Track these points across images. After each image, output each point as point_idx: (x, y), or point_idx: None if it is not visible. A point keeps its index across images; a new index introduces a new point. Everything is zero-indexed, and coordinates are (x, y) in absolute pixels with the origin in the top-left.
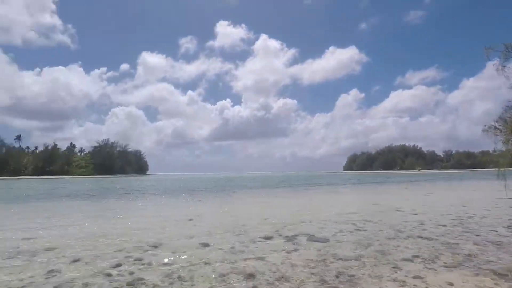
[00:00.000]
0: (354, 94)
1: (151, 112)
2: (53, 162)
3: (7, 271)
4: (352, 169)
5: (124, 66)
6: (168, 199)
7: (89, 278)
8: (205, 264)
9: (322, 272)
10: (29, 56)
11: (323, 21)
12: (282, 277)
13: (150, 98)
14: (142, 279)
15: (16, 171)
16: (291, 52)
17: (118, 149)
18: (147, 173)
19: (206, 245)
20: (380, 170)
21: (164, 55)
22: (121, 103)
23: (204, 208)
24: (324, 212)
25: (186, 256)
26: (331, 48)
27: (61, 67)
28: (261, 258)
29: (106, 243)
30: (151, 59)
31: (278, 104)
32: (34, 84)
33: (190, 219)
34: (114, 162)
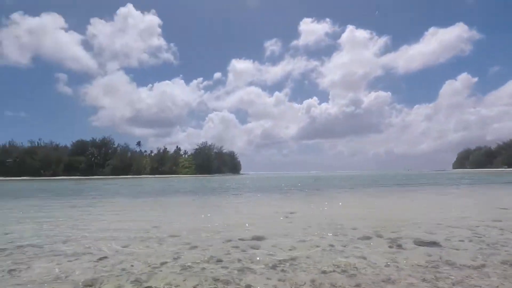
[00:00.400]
0: (463, 79)
1: (242, 115)
2: (164, 163)
3: (144, 252)
4: (464, 167)
5: (217, 75)
6: (262, 196)
7: (205, 264)
8: (306, 259)
9: (434, 278)
10: (143, 75)
11: (419, 1)
12: (388, 279)
13: (240, 102)
14: (250, 268)
15: (138, 171)
16: (382, 40)
17: (214, 150)
18: (240, 172)
19: (304, 241)
20: (505, 168)
21: (251, 60)
22: (215, 108)
23: (297, 206)
24: (432, 215)
25: (286, 251)
26: (431, 30)
27: (167, 81)
28: (362, 258)
29: (214, 234)
30: (240, 65)
31: (370, 98)
32: (147, 98)
33: (286, 216)
34: (211, 162)
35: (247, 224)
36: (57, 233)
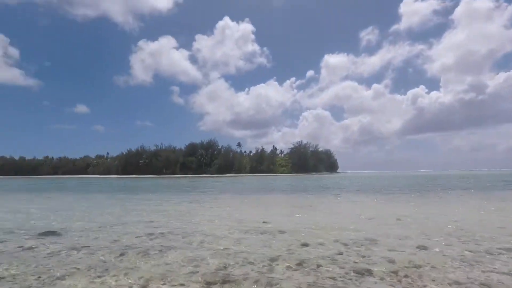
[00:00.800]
0: None
1: (337, 111)
2: (262, 163)
3: (260, 245)
4: None
5: (309, 73)
6: (365, 197)
7: (321, 260)
8: (432, 268)
9: None
10: (240, 80)
11: None
12: None
13: (335, 98)
14: (368, 269)
15: (239, 170)
16: None
17: (310, 149)
18: (338, 171)
19: (425, 248)
20: None
21: (345, 53)
22: (309, 107)
23: (409, 208)
24: None
25: (405, 256)
26: None
27: (262, 84)
28: (510, 275)
29: (322, 233)
30: (333, 59)
31: (497, 80)
32: (245, 101)
33: (397, 219)
34: (307, 161)
35: (354, 225)
36: (184, 223)
